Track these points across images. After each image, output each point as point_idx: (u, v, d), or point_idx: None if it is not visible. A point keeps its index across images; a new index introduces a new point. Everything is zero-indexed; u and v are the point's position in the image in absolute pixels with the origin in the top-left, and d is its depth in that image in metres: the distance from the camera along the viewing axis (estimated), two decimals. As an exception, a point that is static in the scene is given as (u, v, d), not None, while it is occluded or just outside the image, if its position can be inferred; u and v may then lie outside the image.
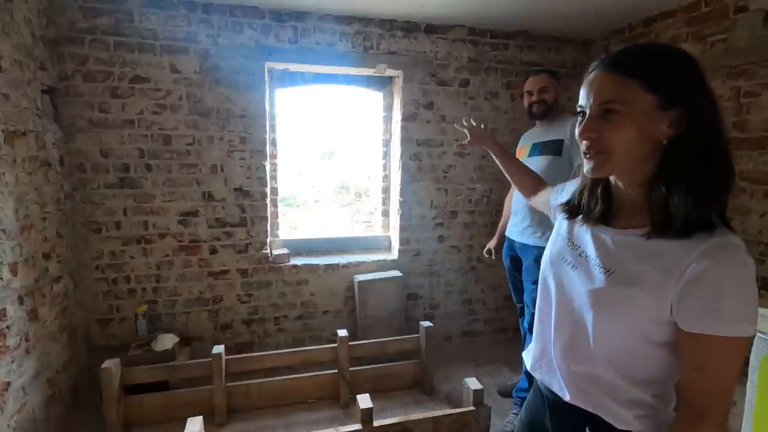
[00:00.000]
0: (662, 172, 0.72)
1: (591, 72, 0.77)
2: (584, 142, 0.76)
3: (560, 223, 0.94)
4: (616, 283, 0.74)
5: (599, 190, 0.83)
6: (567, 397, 0.83)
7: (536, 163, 2.09)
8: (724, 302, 0.65)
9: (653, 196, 0.74)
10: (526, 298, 2.16)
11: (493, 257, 2.49)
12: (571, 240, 0.87)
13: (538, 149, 2.11)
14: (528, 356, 0.97)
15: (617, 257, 0.76)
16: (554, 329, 0.86)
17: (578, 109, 0.78)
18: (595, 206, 0.83)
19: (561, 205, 0.94)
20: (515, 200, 2.23)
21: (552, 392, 0.88)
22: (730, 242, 0.67)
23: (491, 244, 2.49)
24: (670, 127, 0.70)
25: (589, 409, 0.80)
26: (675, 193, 0.70)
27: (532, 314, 2.10)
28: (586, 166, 0.78)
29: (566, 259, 0.86)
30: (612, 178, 0.81)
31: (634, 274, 0.73)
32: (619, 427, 0.77)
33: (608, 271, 0.76)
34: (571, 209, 0.89)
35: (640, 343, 0.74)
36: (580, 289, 0.80)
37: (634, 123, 0.70)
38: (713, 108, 0.71)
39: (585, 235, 0.84)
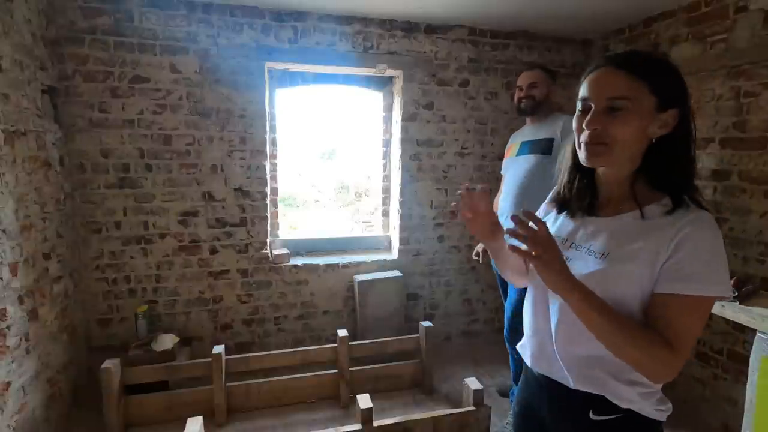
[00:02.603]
0: (649, 165, 0.81)
1: (598, 68, 0.82)
2: (587, 132, 0.81)
3: (550, 223, 0.97)
4: (612, 263, 0.81)
5: (582, 184, 0.90)
6: (571, 384, 0.85)
7: (524, 163, 2.05)
8: (700, 265, 0.74)
9: (639, 185, 0.83)
10: (507, 303, 2.14)
11: (481, 261, 2.47)
12: (559, 236, 0.91)
13: (527, 148, 2.07)
14: (524, 351, 0.98)
15: (612, 240, 0.83)
16: (555, 320, 0.87)
17: (582, 101, 0.83)
18: (583, 199, 0.90)
19: (549, 201, 1.01)
20: (502, 200, 2.18)
21: (554, 382, 0.90)
22: (706, 215, 0.78)
23: (479, 247, 2.47)
24: (661, 128, 0.79)
25: (595, 392, 0.83)
26: (660, 180, 0.81)
27: (509, 319, 2.08)
28: (583, 154, 0.83)
29: None
30: (600, 171, 0.88)
31: (629, 251, 0.80)
32: (623, 406, 0.81)
33: (603, 254, 0.82)
34: (560, 201, 0.95)
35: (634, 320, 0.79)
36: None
37: (636, 120, 0.78)
38: (691, 113, 0.82)
39: (574, 226, 0.91)
